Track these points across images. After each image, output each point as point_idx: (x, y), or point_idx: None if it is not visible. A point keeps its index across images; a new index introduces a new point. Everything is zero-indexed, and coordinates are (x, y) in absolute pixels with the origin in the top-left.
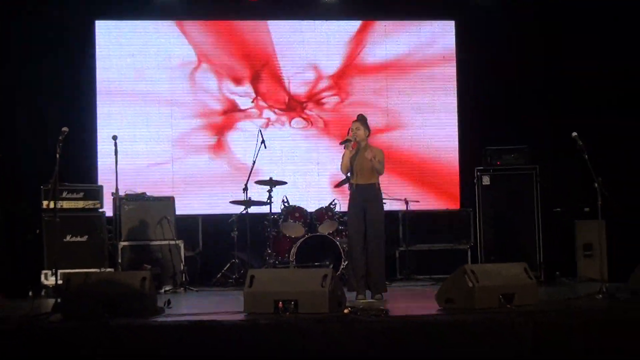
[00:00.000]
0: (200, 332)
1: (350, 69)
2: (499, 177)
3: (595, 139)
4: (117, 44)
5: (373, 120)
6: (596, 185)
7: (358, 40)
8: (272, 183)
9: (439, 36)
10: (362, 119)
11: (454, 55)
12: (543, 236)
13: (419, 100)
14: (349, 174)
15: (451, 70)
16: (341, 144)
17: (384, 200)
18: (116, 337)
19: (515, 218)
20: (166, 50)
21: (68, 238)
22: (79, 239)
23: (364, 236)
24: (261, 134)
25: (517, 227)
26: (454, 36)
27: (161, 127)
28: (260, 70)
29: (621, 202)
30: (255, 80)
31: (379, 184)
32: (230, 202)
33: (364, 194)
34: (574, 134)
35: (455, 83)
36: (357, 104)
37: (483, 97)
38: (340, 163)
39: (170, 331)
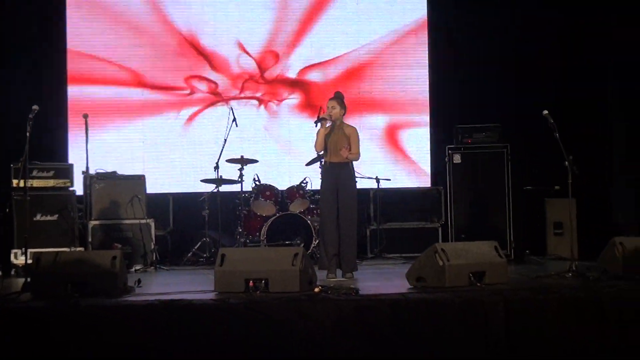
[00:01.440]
0: (171, 311)
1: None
2: (470, 155)
3: (566, 118)
4: (88, 19)
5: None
6: (567, 163)
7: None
8: (243, 161)
9: (410, 12)
10: (338, 97)
11: (427, 31)
12: (513, 215)
13: (391, 77)
14: (321, 152)
15: (423, 47)
16: (316, 122)
17: (355, 179)
18: (86, 316)
19: (486, 196)
20: (137, 28)
21: (38, 217)
22: (49, 218)
23: (336, 215)
24: (232, 112)
25: (488, 205)
26: (426, 12)
27: (132, 106)
28: (229, 47)
29: (592, 181)
30: (224, 58)
31: (352, 163)
32: (201, 180)
33: (337, 173)
34: (545, 112)
35: (427, 61)
36: (330, 81)
37: (456, 76)
38: (314, 141)
39: (141, 310)
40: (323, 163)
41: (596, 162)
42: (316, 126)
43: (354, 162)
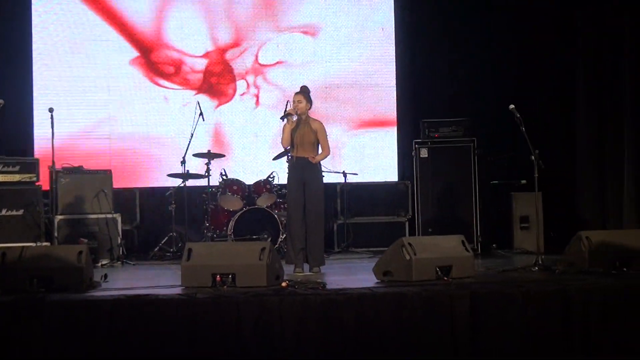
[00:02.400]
0: (137, 306)
1: (284, 36)
2: (437, 149)
3: (532, 112)
4: (54, 12)
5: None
6: (533, 157)
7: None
8: (210, 156)
9: (377, 5)
10: (304, 91)
11: (393, 25)
12: (480, 209)
13: (357, 71)
14: (287, 147)
15: (390, 40)
16: (282, 118)
17: (322, 173)
18: (52, 311)
19: (453, 191)
20: (102, 23)
21: (3, 212)
22: (14, 212)
23: (303, 209)
24: (199, 106)
25: (455, 199)
26: (393, 5)
27: (98, 100)
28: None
29: (557, 175)
30: (189, 51)
31: None
32: (168, 175)
33: (304, 167)
34: (511, 106)
35: (394, 54)
36: (294, 74)
37: (422, 69)
38: (281, 137)
39: (107, 305)
40: (289, 158)
41: (561, 156)
42: (283, 121)
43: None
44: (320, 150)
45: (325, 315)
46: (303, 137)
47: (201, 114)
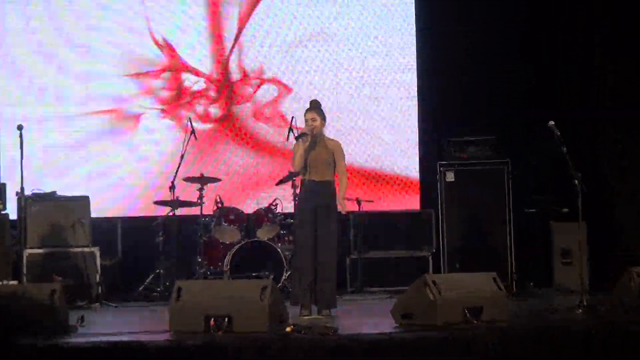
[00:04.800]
0: (119, 354)
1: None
2: (465, 172)
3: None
4: (24, 16)
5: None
6: (576, 181)
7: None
8: (203, 180)
9: (397, 9)
10: (316, 107)
11: (414, 33)
12: (515, 241)
13: (373, 82)
14: (297, 171)
15: (411, 51)
16: (297, 139)
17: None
18: (22, 358)
19: (483, 220)
20: (79, 27)
21: None
22: None
23: (314, 241)
24: (191, 123)
25: (486, 230)
26: (414, 11)
27: (75, 116)
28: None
29: (603, 201)
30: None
31: (334, 182)
32: (155, 202)
33: (318, 193)
34: (551, 123)
35: (415, 66)
36: (300, 86)
37: (447, 82)
38: (293, 159)
39: (84, 353)
40: (303, 181)
41: (602, 180)
42: (297, 141)
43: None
44: (334, 174)
45: None
46: (317, 157)
47: (193, 132)
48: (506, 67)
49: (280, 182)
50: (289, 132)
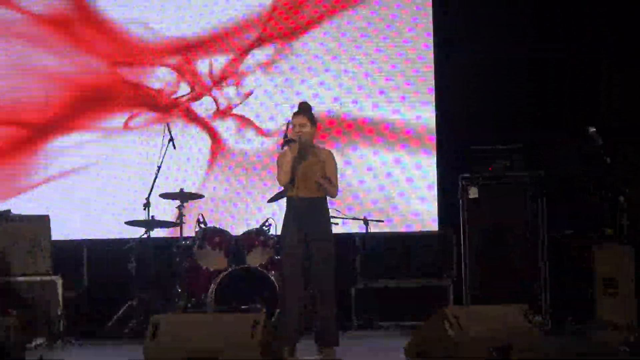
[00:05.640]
0: None
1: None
2: (491, 187)
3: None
4: None
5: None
6: (622, 199)
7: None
8: (183, 196)
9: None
10: (306, 110)
11: (431, 22)
12: (550, 268)
13: (385, 82)
14: (286, 185)
15: (428, 42)
16: (283, 146)
17: (334, 220)
18: None
19: (512, 243)
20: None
21: None
22: None
23: (304, 270)
24: (168, 129)
25: (515, 255)
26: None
27: (33, 121)
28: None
29: None
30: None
31: (327, 200)
32: (127, 222)
33: (307, 212)
34: (592, 129)
35: (432, 62)
36: (300, 85)
37: (467, 85)
38: (277, 171)
39: None
40: (289, 199)
41: None
42: (282, 149)
43: (329, 198)
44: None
45: None
46: (306, 170)
47: (171, 139)
48: (532, 67)
49: (274, 199)
50: (284, 141)
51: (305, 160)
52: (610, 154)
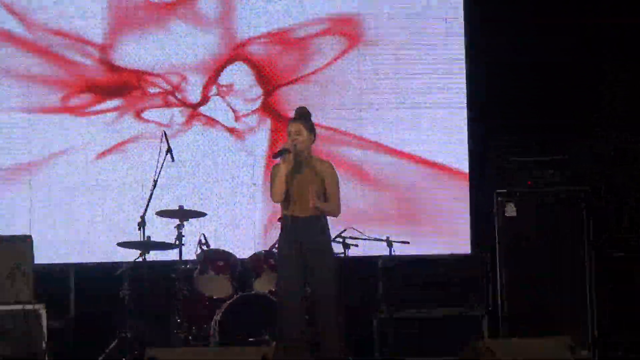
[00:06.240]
0: None
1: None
2: (531, 204)
3: None
4: None
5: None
6: None
7: None
8: (183, 214)
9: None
10: (303, 117)
11: (462, 21)
12: (598, 294)
13: (409, 86)
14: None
15: (458, 43)
16: (276, 156)
17: (353, 242)
18: None
19: (554, 267)
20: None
21: None
22: None
23: (302, 293)
24: (166, 138)
25: (558, 280)
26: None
27: (13, 131)
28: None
29: None
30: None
31: (325, 217)
32: (119, 244)
33: (304, 232)
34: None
35: (464, 64)
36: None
37: (504, 86)
38: (270, 185)
39: None
40: (283, 218)
41: None
42: (274, 158)
43: (350, 217)
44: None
45: None
46: (303, 184)
47: (169, 150)
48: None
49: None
50: (277, 151)
51: (301, 173)
52: None
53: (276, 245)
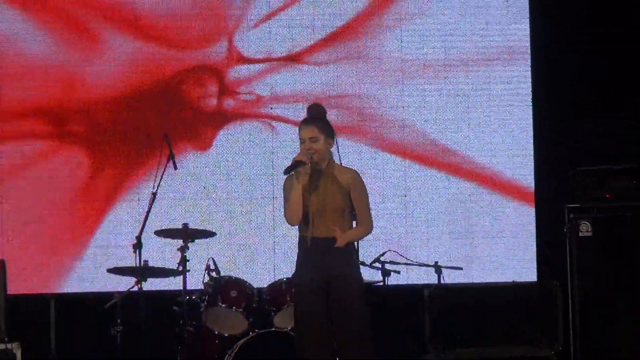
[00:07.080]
0: None
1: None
2: (609, 221)
3: None
4: None
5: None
6: None
7: None
8: (187, 234)
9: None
10: (318, 116)
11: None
12: None
13: (460, 88)
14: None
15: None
16: (287, 173)
17: (395, 268)
18: None
19: (637, 297)
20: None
21: None
22: None
23: (326, 332)
24: (168, 143)
25: None
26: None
27: None
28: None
29: None
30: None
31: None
32: (109, 270)
33: (328, 257)
34: None
35: (528, 59)
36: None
37: (573, 86)
38: (284, 206)
39: None
40: (302, 241)
41: None
42: (286, 174)
43: (387, 237)
44: (354, 224)
45: None
46: (325, 200)
47: (171, 158)
48: None
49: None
50: (291, 165)
51: (319, 189)
52: None
53: None
